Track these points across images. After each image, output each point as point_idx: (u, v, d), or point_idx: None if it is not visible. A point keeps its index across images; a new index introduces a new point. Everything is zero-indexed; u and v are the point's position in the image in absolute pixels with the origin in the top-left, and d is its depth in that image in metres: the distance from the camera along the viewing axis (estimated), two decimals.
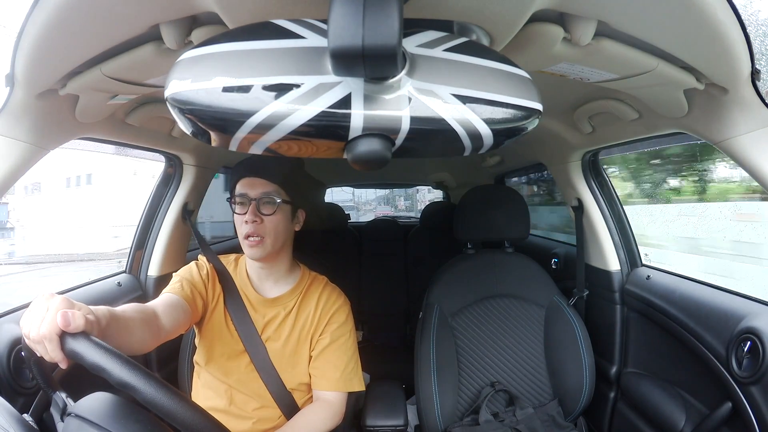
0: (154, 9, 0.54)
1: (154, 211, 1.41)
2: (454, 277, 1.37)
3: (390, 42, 0.33)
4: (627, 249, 1.39)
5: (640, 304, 1.26)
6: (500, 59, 0.44)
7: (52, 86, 0.71)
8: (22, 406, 0.83)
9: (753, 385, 0.86)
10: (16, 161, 0.76)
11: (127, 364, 0.46)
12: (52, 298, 0.52)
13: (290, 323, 0.99)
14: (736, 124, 0.75)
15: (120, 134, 1.03)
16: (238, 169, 0.96)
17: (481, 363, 1.30)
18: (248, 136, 0.39)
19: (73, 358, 0.49)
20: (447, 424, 1.20)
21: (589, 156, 1.38)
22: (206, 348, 0.97)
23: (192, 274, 0.97)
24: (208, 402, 0.97)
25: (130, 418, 0.51)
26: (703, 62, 0.66)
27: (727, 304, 0.99)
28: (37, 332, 0.49)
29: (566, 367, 1.27)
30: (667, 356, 1.17)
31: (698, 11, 0.52)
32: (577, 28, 0.59)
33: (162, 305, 0.82)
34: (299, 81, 0.38)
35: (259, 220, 0.91)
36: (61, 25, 0.54)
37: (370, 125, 0.39)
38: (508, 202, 1.39)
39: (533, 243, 2.06)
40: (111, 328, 0.60)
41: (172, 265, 1.38)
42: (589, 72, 0.73)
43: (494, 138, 0.43)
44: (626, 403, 1.30)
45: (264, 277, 1.01)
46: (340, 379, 0.98)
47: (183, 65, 0.38)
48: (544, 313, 1.34)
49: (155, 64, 0.66)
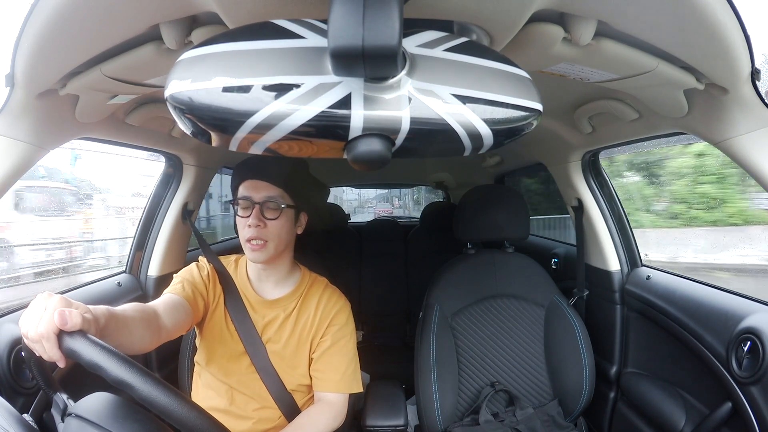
0: (154, 9, 0.54)
1: (154, 211, 1.41)
2: (455, 277, 1.37)
3: (390, 42, 0.33)
4: (627, 249, 1.39)
5: (640, 304, 1.26)
6: (500, 59, 0.44)
7: (52, 86, 0.71)
8: (22, 406, 0.83)
9: (753, 385, 0.86)
10: (16, 161, 0.76)
11: (124, 362, 0.46)
12: (51, 298, 0.52)
13: (290, 325, 0.99)
14: (736, 124, 0.75)
15: (120, 134, 1.03)
16: (241, 170, 0.95)
17: (481, 363, 1.30)
18: (248, 136, 0.39)
19: (71, 356, 0.49)
20: (447, 424, 1.20)
21: (589, 156, 1.38)
22: (207, 348, 0.97)
23: (193, 275, 0.97)
24: (208, 402, 0.97)
25: (130, 418, 0.51)
26: (703, 62, 0.66)
27: (727, 304, 0.99)
28: (35, 331, 0.49)
29: (566, 367, 1.27)
30: (667, 356, 1.17)
31: (698, 11, 0.52)
32: (577, 28, 0.59)
33: (163, 305, 0.82)
34: (299, 81, 0.38)
35: (262, 225, 0.90)
36: (61, 25, 0.54)
37: (370, 125, 0.39)
38: (508, 202, 1.39)
39: (533, 243, 2.07)
40: (110, 327, 0.60)
41: (171, 266, 1.38)
42: (589, 72, 0.73)
43: (494, 138, 0.43)
44: (626, 403, 1.30)
45: (264, 278, 1.01)
46: (342, 380, 0.98)
47: (183, 65, 0.38)
48: (544, 313, 1.34)
49: (155, 64, 0.66)
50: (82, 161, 2.38)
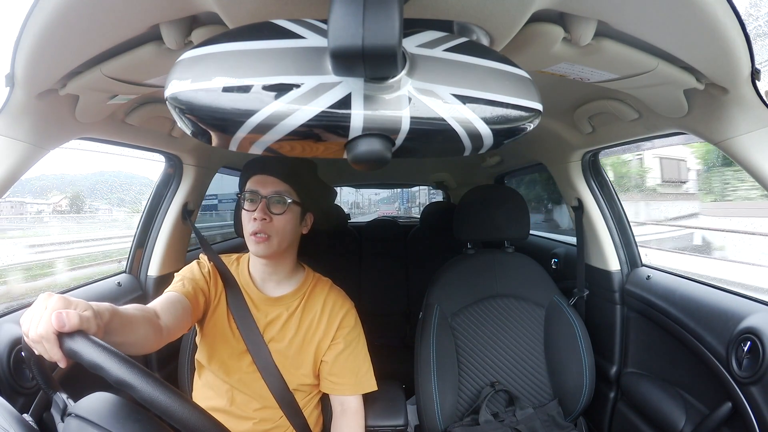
0: (154, 9, 0.54)
1: (154, 211, 1.41)
2: (455, 277, 1.37)
3: (390, 42, 0.33)
4: (627, 249, 1.39)
5: (640, 304, 1.26)
6: (500, 59, 0.44)
7: (52, 86, 0.71)
8: (22, 406, 0.83)
9: (753, 385, 0.86)
10: (16, 161, 0.76)
11: (124, 362, 0.46)
12: (50, 298, 0.52)
13: (294, 324, 0.98)
14: (736, 124, 0.75)
15: (120, 134, 1.03)
16: (250, 166, 0.96)
17: (481, 363, 1.30)
18: (248, 136, 0.39)
19: (72, 357, 0.49)
20: (447, 424, 1.20)
21: (589, 156, 1.38)
22: (208, 346, 0.97)
23: (193, 272, 0.97)
24: (208, 402, 0.97)
25: (131, 418, 0.51)
26: (703, 62, 0.66)
27: (727, 304, 0.99)
28: (35, 332, 0.49)
29: (566, 367, 1.27)
30: (667, 356, 1.17)
31: (698, 11, 0.52)
32: (577, 28, 0.59)
33: (162, 304, 0.82)
34: (299, 81, 0.38)
35: (268, 219, 0.90)
36: (61, 25, 0.54)
37: (370, 125, 0.39)
38: (508, 202, 1.39)
39: (533, 243, 2.06)
40: (114, 323, 0.60)
41: (172, 265, 1.38)
42: (589, 72, 0.73)
43: (494, 138, 0.43)
44: (626, 403, 1.30)
45: (267, 276, 1.01)
46: (360, 382, 1.00)
47: (183, 65, 0.38)
48: (544, 313, 1.34)
49: (155, 64, 0.66)
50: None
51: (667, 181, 3.20)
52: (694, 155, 2.78)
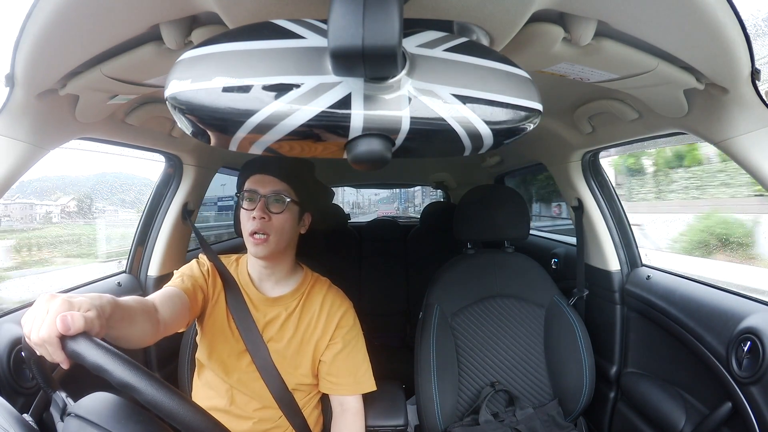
0: (154, 9, 0.54)
1: (154, 211, 1.41)
2: (454, 277, 1.37)
3: (390, 42, 0.33)
4: (627, 249, 1.39)
5: (640, 304, 1.26)
6: (500, 59, 0.44)
7: (52, 86, 0.71)
8: (22, 406, 0.83)
9: (753, 385, 0.86)
10: (16, 161, 0.76)
11: (128, 364, 0.46)
12: (53, 300, 0.51)
13: (293, 324, 0.99)
14: (736, 124, 0.75)
15: (120, 134, 1.03)
16: (249, 166, 0.96)
17: (481, 363, 1.30)
18: (248, 136, 0.39)
19: (75, 359, 0.49)
20: (447, 424, 1.20)
21: (589, 156, 1.38)
22: (208, 345, 0.97)
23: (192, 270, 0.97)
24: (208, 402, 0.97)
25: (131, 418, 0.51)
26: (703, 62, 0.66)
27: (727, 304, 0.99)
28: (38, 335, 0.49)
29: (566, 367, 1.27)
30: (667, 356, 1.17)
31: (698, 11, 0.52)
32: (577, 28, 0.59)
33: (160, 297, 0.82)
34: (299, 81, 0.38)
35: (266, 218, 0.91)
36: (61, 25, 0.54)
37: (370, 125, 0.39)
38: (508, 202, 1.39)
39: (533, 243, 2.07)
40: (115, 316, 0.60)
41: (172, 265, 1.38)
42: (589, 72, 0.73)
43: (494, 138, 0.43)
44: (626, 403, 1.30)
45: (265, 277, 1.01)
46: (359, 382, 1.00)
47: (183, 65, 0.38)
48: (544, 313, 1.34)
49: (155, 64, 0.66)
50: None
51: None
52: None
